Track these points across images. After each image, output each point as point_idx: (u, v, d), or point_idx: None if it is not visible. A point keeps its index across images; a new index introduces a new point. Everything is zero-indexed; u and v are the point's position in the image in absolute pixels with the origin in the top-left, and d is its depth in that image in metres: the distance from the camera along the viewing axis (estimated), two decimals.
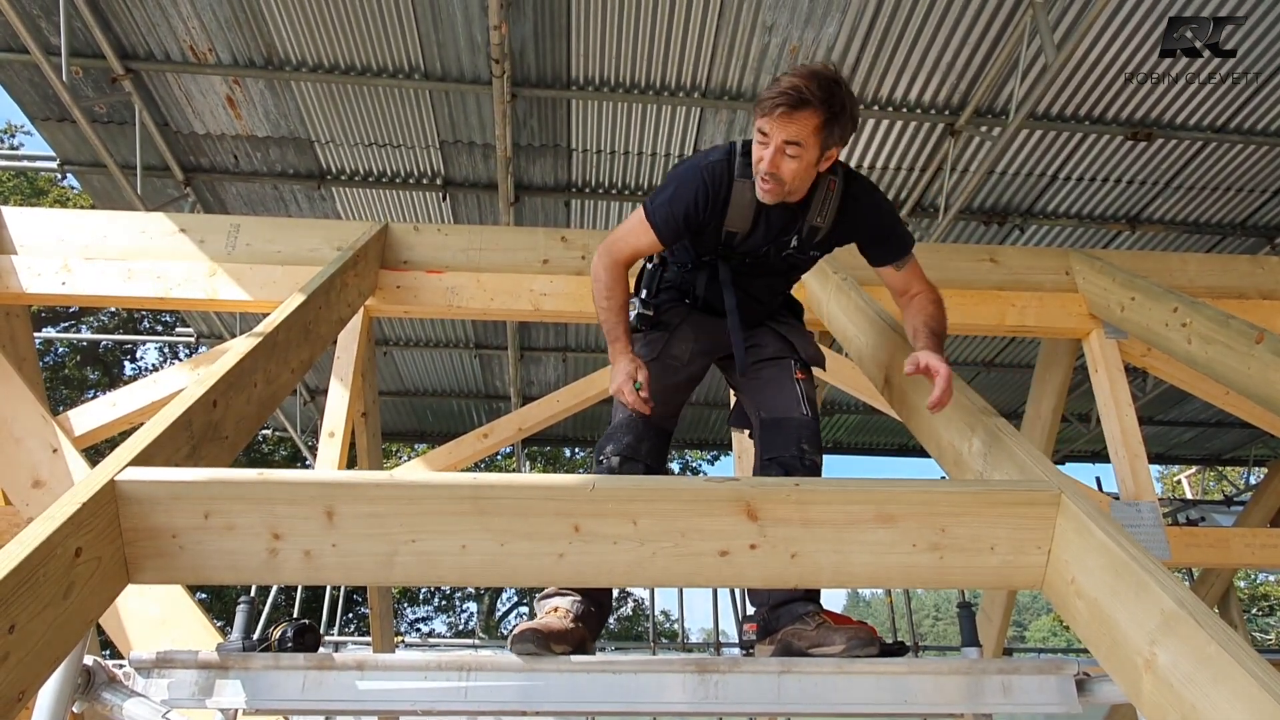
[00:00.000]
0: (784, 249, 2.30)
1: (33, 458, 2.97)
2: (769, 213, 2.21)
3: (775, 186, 2.07)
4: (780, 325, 2.56)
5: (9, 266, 3.47)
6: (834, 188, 2.19)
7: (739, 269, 2.38)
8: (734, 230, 2.25)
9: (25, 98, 5.30)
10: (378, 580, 1.71)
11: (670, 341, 2.43)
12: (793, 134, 1.98)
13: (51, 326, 13.83)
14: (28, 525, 1.43)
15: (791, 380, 2.40)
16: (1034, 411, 4.68)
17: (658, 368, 2.37)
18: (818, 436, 2.33)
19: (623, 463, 2.24)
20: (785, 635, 2.01)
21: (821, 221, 2.23)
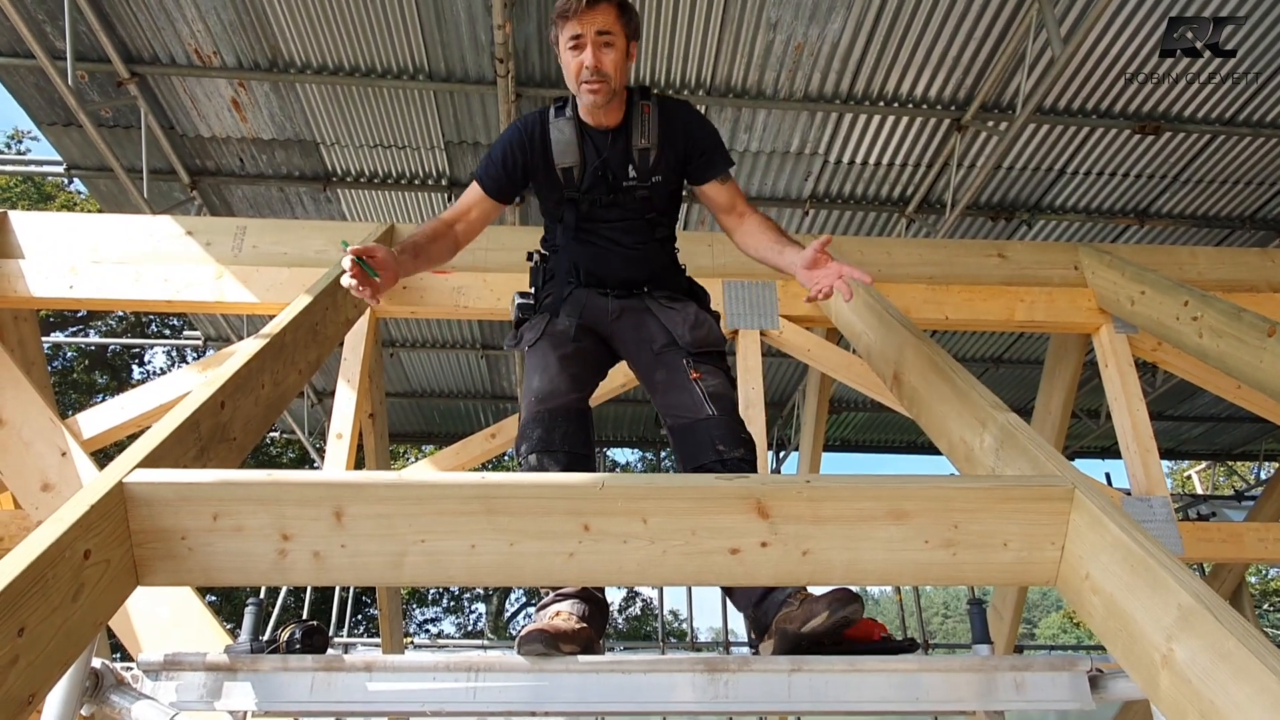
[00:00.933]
0: (624, 178, 2.29)
1: (42, 461, 2.98)
2: (593, 139, 2.27)
3: (602, 84, 2.13)
4: (661, 308, 2.36)
5: (16, 271, 3.48)
6: (649, 110, 2.27)
7: (590, 213, 2.34)
8: (566, 166, 2.28)
9: (31, 102, 5.31)
10: (387, 581, 1.70)
11: (553, 320, 2.34)
12: (600, 24, 2.08)
13: (60, 331, 13.90)
14: (37, 528, 1.42)
15: (686, 380, 2.23)
16: (1043, 407, 4.66)
17: (545, 344, 2.29)
18: (734, 428, 2.18)
19: (540, 458, 2.13)
20: (778, 624, 1.96)
21: (647, 142, 2.26)
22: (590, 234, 2.37)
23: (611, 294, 2.40)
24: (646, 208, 2.34)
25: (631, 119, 2.27)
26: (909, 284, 3.79)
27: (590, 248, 2.39)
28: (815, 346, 3.77)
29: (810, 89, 5.29)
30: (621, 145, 2.27)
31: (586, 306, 2.37)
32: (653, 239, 2.42)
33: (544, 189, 2.36)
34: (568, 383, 2.22)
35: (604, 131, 2.27)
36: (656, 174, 2.30)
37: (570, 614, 1.96)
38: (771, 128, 5.59)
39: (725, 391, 2.24)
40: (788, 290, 3.76)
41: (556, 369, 2.23)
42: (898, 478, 1.72)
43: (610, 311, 2.38)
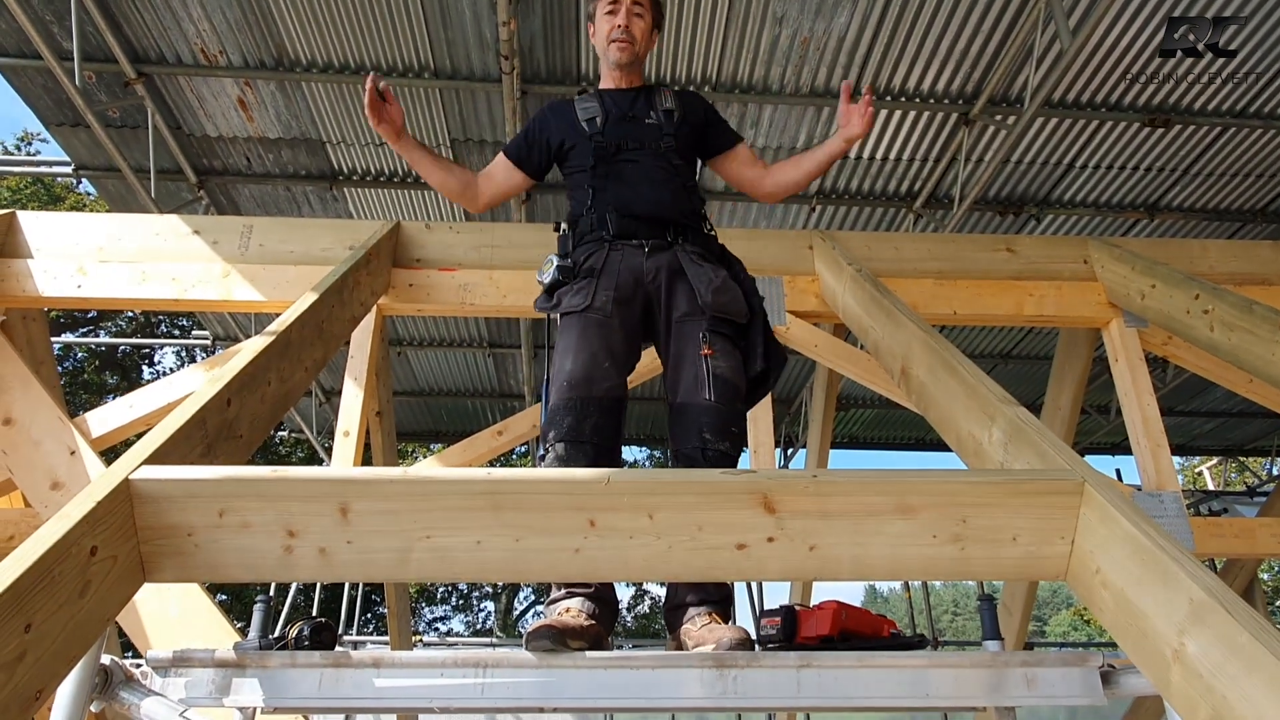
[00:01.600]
0: (646, 117, 2.51)
1: (51, 460, 2.99)
2: (613, 97, 2.56)
3: (629, 44, 2.50)
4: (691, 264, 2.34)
5: (25, 270, 3.50)
6: (668, 92, 2.59)
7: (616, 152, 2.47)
8: (589, 117, 2.51)
9: (39, 103, 5.34)
10: (393, 577, 1.70)
11: (597, 288, 2.28)
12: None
13: (70, 332, 13.98)
14: (44, 524, 1.43)
15: (696, 355, 2.20)
16: (1053, 403, 4.63)
17: (581, 319, 2.24)
18: (726, 420, 2.15)
19: (568, 448, 2.10)
20: (681, 635, 2.04)
21: (670, 105, 2.55)
22: (617, 171, 2.45)
23: (646, 245, 2.35)
24: (671, 155, 2.49)
25: (653, 91, 2.59)
26: (916, 279, 3.76)
27: (618, 183, 2.43)
28: (823, 342, 3.75)
29: (817, 84, 5.27)
30: (643, 101, 2.55)
31: (623, 269, 2.32)
32: (681, 183, 2.49)
33: (571, 148, 2.53)
34: (603, 370, 2.17)
35: (625, 91, 2.58)
36: (682, 132, 2.52)
37: (579, 611, 1.98)
38: (778, 123, 5.57)
39: (731, 376, 2.21)
40: (795, 286, 3.74)
41: (591, 352, 2.18)
42: (905, 472, 1.71)
43: (646, 272, 2.33)
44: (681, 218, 2.43)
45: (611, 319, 2.25)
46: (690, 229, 2.44)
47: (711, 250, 2.47)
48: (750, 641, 1.93)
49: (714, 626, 1.99)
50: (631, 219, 2.37)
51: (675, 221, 2.40)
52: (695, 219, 2.48)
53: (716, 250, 2.50)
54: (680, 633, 2.06)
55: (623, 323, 2.27)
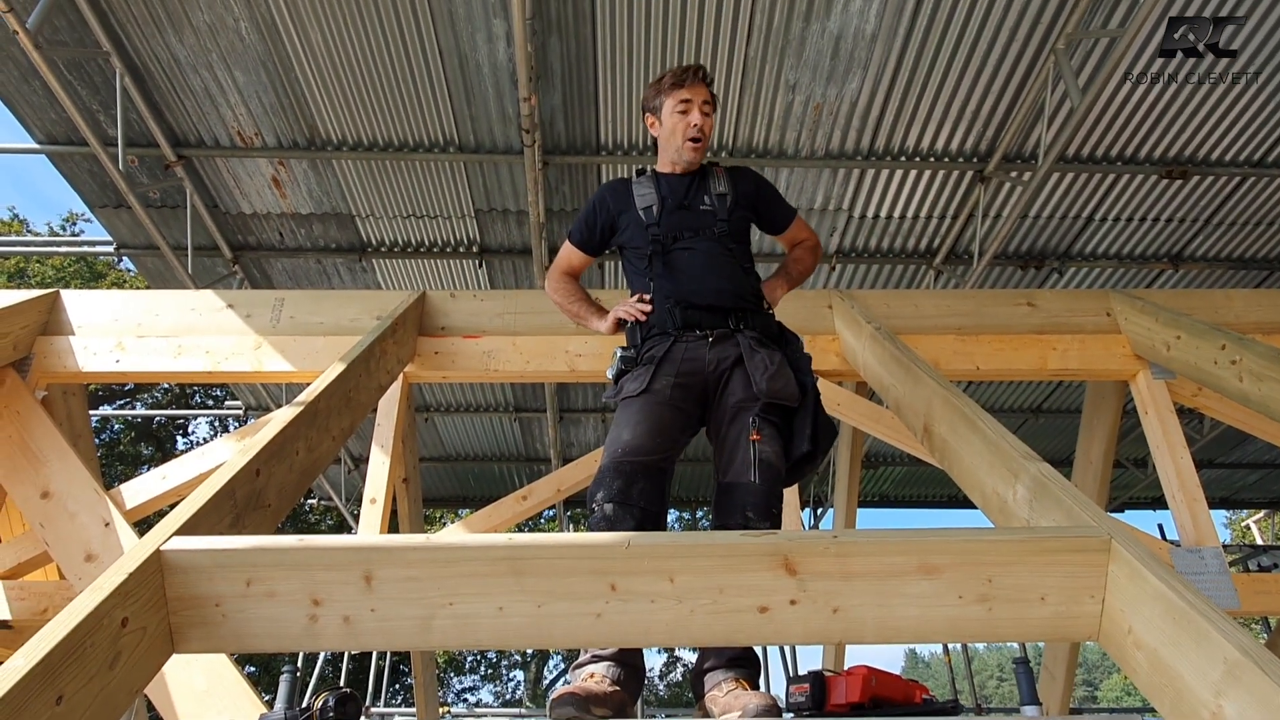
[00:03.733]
0: (701, 204, 2.57)
1: (86, 532, 3.04)
2: (669, 183, 2.61)
3: (703, 142, 2.56)
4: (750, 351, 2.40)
5: (67, 347, 3.62)
6: (720, 173, 2.66)
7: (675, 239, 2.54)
8: (646, 205, 2.58)
9: (85, 187, 5.59)
10: (416, 644, 1.71)
11: (655, 375, 2.39)
12: (706, 95, 2.56)
13: (107, 404, 14.28)
14: (77, 596, 1.46)
15: (746, 440, 2.27)
16: (1084, 457, 4.55)
17: (640, 403, 2.35)
18: (769, 501, 2.22)
19: (616, 509, 2.16)
20: (707, 701, 2.03)
21: (724, 188, 2.61)
22: (675, 261, 2.52)
23: (709, 336, 2.43)
24: (726, 240, 2.55)
25: (707, 174, 2.65)
26: (938, 335, 3.76)
27: (677, 274, 2.50)
28: (845, 401, 3.75)
29: (831, 147, 5.38)
30: (697, 186, 2.61)
31: (685, 358, 2.41)
32: (738, 267, 2.55)
33: (630, 233, 2.62)
34: (655, 441, 2.27)
35: (682, 177, 2.63)
36: (736, 214, 2.59)
37: (603, 676, 1.98)
38: (794, 185, 5.67)
39: (774, 460, 2.28)
40: (815, 345, 3.76)
41: (646, 426, 2.28)
42: (927, 531, 1.70)
43: (708, 363, 2.41)
44: (741, 303, 2.49)
45: (670, 401, 2.35)
46: (750, 312, 2.50)
47: (770, 331, 2.52)
48: (778, 709, 1.91)
49: (740, 693, 1.96)
50: (694, 310, 2.46)
51: (736, 308, 2.48)
52: (755, 300, 2.55)
53: (775, 330, 2.54)
54: (706, 699, 2.04)
55: (680, 406, 2.37)
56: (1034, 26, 4.57)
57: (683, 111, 2.55)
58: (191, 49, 4.67)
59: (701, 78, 2.57)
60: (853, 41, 4.66)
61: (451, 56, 4.72)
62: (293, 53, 4.71)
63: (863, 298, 3.91)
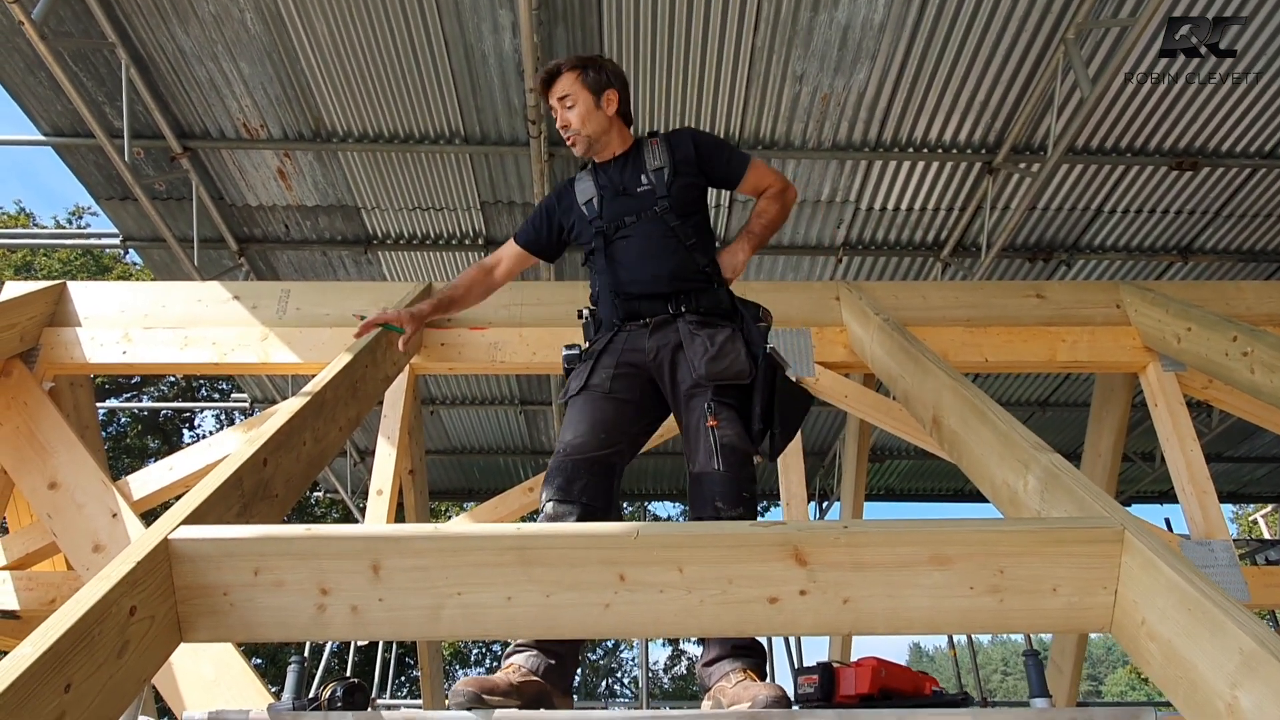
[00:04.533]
0: (638, 185, 2.52)
1: (93, 523, 3.05)
2: (606, 171, 2.58)
3: (575, 137, 2.53)
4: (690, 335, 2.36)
5: (74, 338, 3.62)
6: (656, 144, 2.57)
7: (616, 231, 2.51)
8: (587, 199, 2.57)
9: (90, 179, 5.58)
10: (425, 634, 1.70)
11: (593, 369, 2.40)
12: (560, 91, 2.52)
13: (114, 397, 14.32)
14: (85, 584, 1.45)
15: (705, 427, 2.25)
16: (1092, 450, 4.54)
17: (583, 396, 2.36)
18: (737, 487, 2.20)
19: (556, 506, 2.17)
20: (715, 692, 2.02)
21: (659, 161, 2.54)
22: (616, 252, 2.50)
23: (649, 325, 2.41)
24: (668, 216, 2.48)
25: (642, 150, 2.58)
26: (946, 327, 3.75)
27: (617, 266, 2.49)
28: (853, 393, 3.73)
29: (839, 138, 5.35)
30: (633, 166, 2.56)
31: (625, 350, 2.40)
32: (678, 245, 2.47)
33: (579, 231, 2.61)
34: (597, 437, 2.27)
35: (613, 161, 2.59)
36: (678, 187, 2.51)
37: (519, 666, 2.00)
38: (802, 177, 5.64)
39: (737, 443, 2.25)
40: (823, 337, 3.75)
41: (588, 422, 2.29)
42: (938, 522, 1.68)
43: (648, 352, 2.39)
44: (682, 284, 2.44)
45: (610, 394, 2.34)
46: (693, 292, 2.44)
47: (719, 308, 2.46)
48: (787, 699, 1.90)
49: (749, 684, 1.96)
50: (633, 300, 2.44)
51: (674, 292, 2.43)
52: (699, 279, 2.47)
53: (725, 306, 2.48)
54: (714, 690, 2.03)
55: (624, 397, 2.36)
56: (1044, 16, 4.54)
57: (555, 116, 2.58)
58: (197, 40, 4.66)
59: (550, 77, 2.54)
60: (861, 31, 4.62)
61: (457, 47, 4.70)
62: (298, 44, 4.69)
63: (870, 289, 3.89)
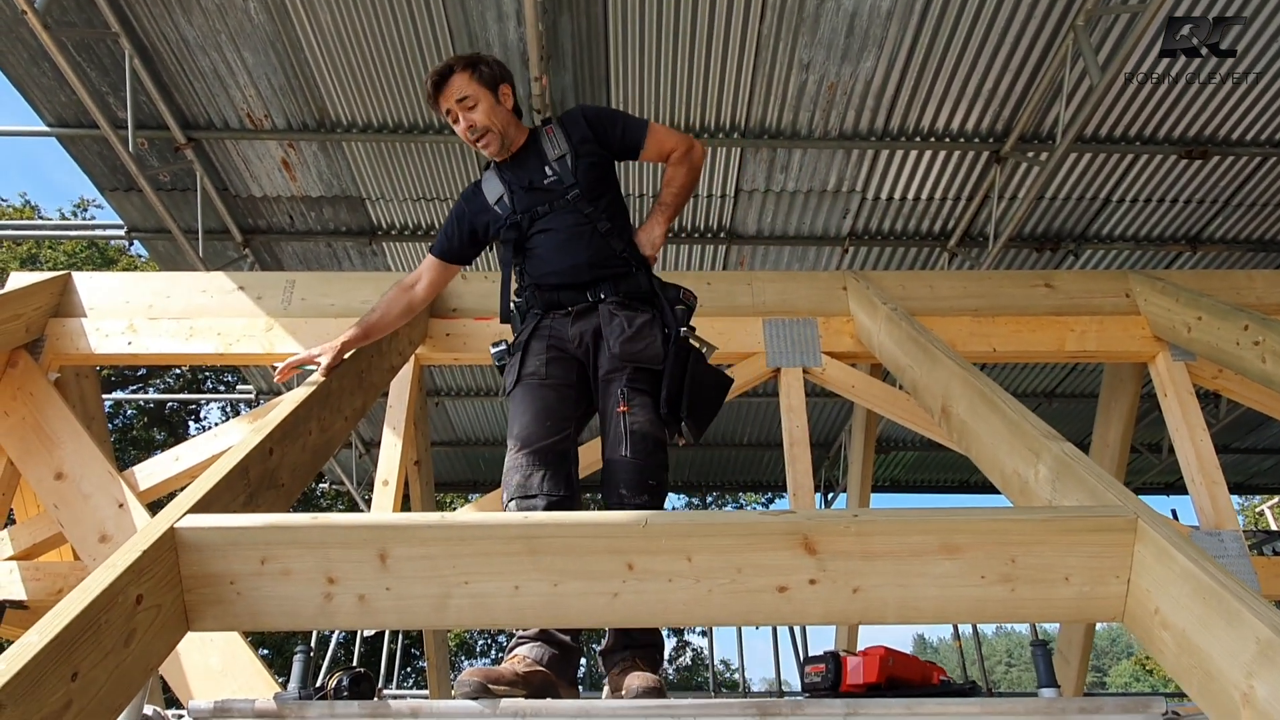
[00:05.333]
0: (545, 177, 2.48)
1: (100, 513, 3.05)
2: (510, 170, 2.54)
3: (488, 136, 2.46)
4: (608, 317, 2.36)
5: (79, 329, 3.61)
6: (552, 131, 2.53)
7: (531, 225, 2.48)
8: (497, 198, 2.54)
9: (95, 170, 5.57)
10: (432, 623, 1.69)
11: (524, 359, 2.39)
12: (457, 92, 2.43)
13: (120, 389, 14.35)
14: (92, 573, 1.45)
15: (615, 412, 2.26)
16: (1100, 441, 4.51)
17: (521, 388, 2.36)
18: (643, 474, 2.20)
19: (519, 504, 2.17)
20: (608, 680, 2.09)
21: (560, 149, 2.50)
22: (533, 245, 2.48)
23: (571, 312, 2.42)
24: (580, 204, 2.46)
25: (539, 141, 2.53)
26: (954, 317, 3.73)
27: (535, 256, 2.47)
28: (860, 383, 3.71)
29: (845, 127, 5.31)
30: (535, 158, 2.52)
31: (552, 337, 2.42)
32: (594, 232, 2.45)
33: (495, 230, 2.57)
34: (543, 426, 2.27)
35: (515, 156, 2.55)
36: (584, 170, 2.48)
37: (524, 657, 2.03)
38: (807, 167, 5.61)
39: (648, 429, 2.27)
40: (829, 327, 3.73)
41: (531, 414, 2.29)
42: (949, 510, 1.67)
43: (571, 339, 2.41)
44: (601, 271, 2.44)
45: (547, 380, 2.35)
46: (612, 278, 2.44)
47: (638, 292, 2.45)
48: (662, 690, 1.96)
49: (633, 674, 2.00)
50: (553, 290, 2.45)
51: (593, 280, 2.43)
52: (617, 265, 2.46)
53: (645, 290, 2.46)
54: (609, 677, 2.09)
55: (559, 383, 2.37)
56: (1053, 3, 4.49)
57: (453, 121, 2.49)
58: (200, 29, 4.64)
59: (440, 80, 2.45)
60: (868, 19, 4.59)
61: (461, 36, 4.67)
62: (302, 33, 4.67)
63: (878, 279, 3.87)
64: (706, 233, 6.21)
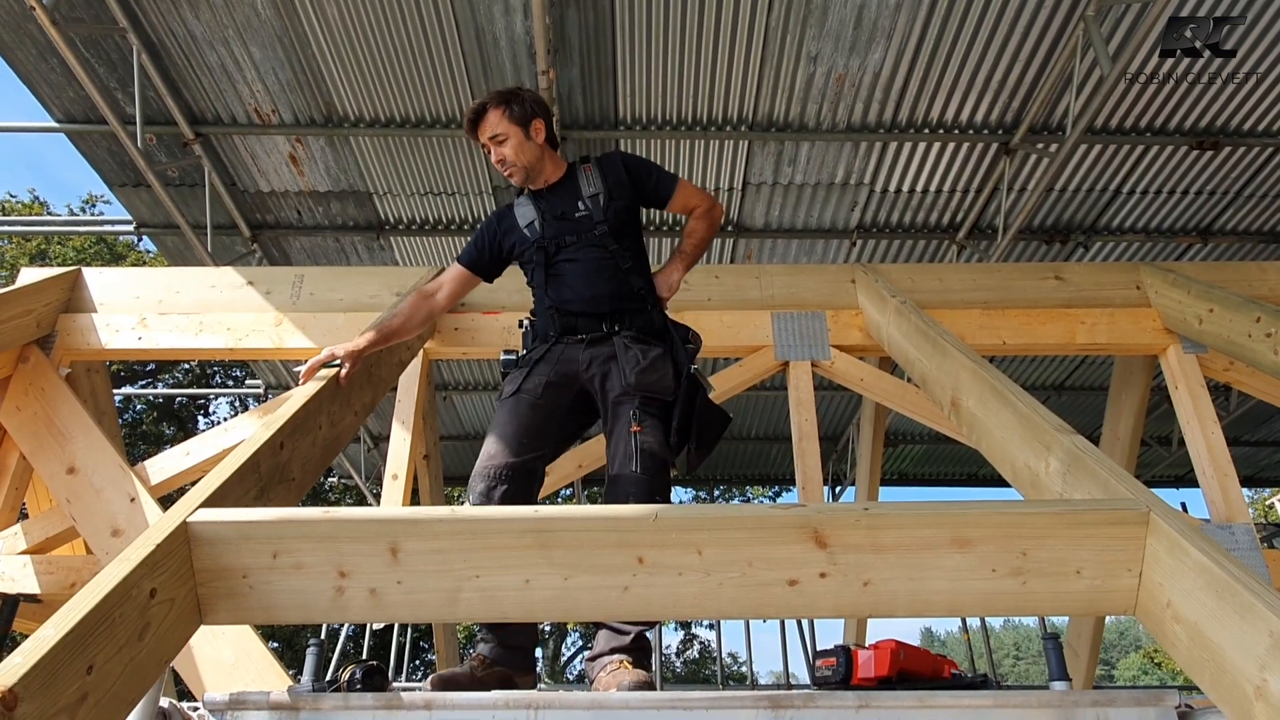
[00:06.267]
0: (576, 211, 2.61)
1: (111, 507, 3.07)
2: (545, 197, 2.66)
3: (514, 170, 2.60)
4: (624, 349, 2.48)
5: (89, 324, 3.63)
6: (590, 170, 2.66)
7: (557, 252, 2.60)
8: (528, 222, 2.65)
9: (104, 166, 5.59)
10: (443, 617, 1.70)
11: (528, 376, 2.50)
12: (489, 130, 2.58)
13: (130, 384, 14.42)
14: (105, 566, 1.46)
15: (628, 433, 2.36)
16: (1111, 434, 4.49)
17: (511, 404, 2.45)
18: (652, 490, 2.29)
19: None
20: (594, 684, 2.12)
21: (594, 189, 2.63)
22: (559, 271, 2.59)
23: (585, 340, 2.52)
24: (607, 240, 2.58)
25: (576, 176, 2.66)
26: (963, 310, 3.71)
27: (559, 283, 2.59)
28: (869, 376, 3.70)
29: (853, 119, 5.29)
30: (569, 192, 2.64)
31: (560, 360, 2.52)
32: (616, 268, 2.58)
33: (521, 252, 2.68)
34: (519, 443, 2.38)
35: (551, 188, 2.67)
36: (613, 211, 2.60)
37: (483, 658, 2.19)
38: (815, 160, 5.59)
39: (657, 450, 2.37)
40: (838, 320, 3.72)
41: (512, 428, 2.40)
42: (959, 504, 1.67)
43: (581, 364, 2.50)
44: (620, 305, 2.56)
45: (539, 400, 2.45)
46: (629, 312, 2.56)
47: (652, 329, 2.58)
48: (651, 685, 2.01)
49: (619, 671, 2.04)
50: (571, 316, 2.56)
51: (611, 311, 2.55)
52: (634, 301, 2.59)
53: (658, 326, 2.59)
54: (595, 682, 2.11)
55: (551, 406, 2.47)
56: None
57: (487, 154, 2.65)
58: (208, 24, 4.64)
59: (476, 117, 2.60)
60: (876, 10, 4.56)
61: (468, 29, 4.66)
62: (309, 28, 4.67)
63: (887, 272, 3.86)
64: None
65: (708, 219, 2.74)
